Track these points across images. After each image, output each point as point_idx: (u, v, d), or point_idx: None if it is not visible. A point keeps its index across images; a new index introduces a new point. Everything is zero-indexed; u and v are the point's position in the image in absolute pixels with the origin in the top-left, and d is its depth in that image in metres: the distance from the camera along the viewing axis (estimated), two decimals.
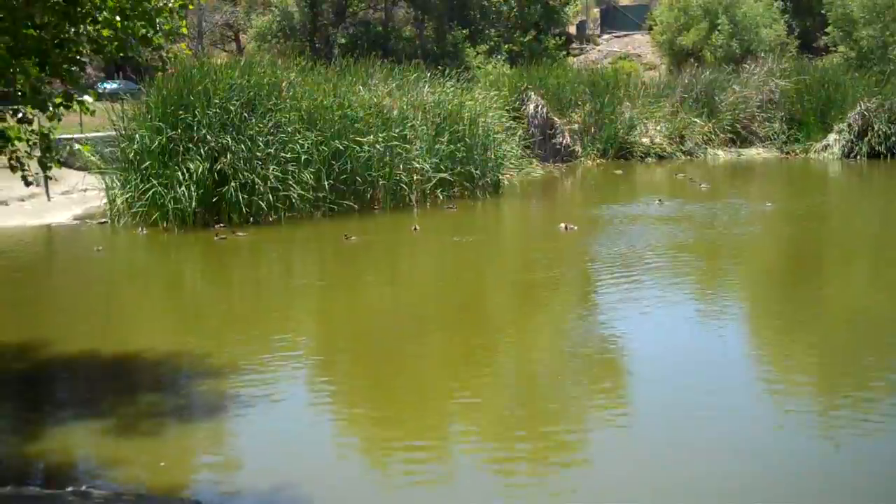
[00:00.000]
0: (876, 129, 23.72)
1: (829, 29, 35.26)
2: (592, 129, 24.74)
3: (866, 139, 23.86)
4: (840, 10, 33.88)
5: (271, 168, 15.18)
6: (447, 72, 21.07)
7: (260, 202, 14.96)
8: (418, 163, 16.96)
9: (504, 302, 11.16)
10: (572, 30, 49.96)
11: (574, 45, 47.27)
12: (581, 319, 10.24)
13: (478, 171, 18.05)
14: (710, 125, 25.72)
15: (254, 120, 15.54)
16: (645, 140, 25.13)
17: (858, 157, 23.83)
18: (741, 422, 6.90)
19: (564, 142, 24.14)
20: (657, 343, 9.03)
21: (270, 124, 15.67)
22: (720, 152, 25.44)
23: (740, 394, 7.55)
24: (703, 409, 7.08)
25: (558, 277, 12.01)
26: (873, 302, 10.67)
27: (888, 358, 8.50)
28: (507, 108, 22.13)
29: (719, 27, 36.66)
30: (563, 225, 14.51)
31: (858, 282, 11.97)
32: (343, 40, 37.96)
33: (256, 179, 14.99)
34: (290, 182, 15.28)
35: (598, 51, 46.61)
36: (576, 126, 24.64)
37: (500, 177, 18.78)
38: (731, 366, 8.33)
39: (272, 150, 15.39)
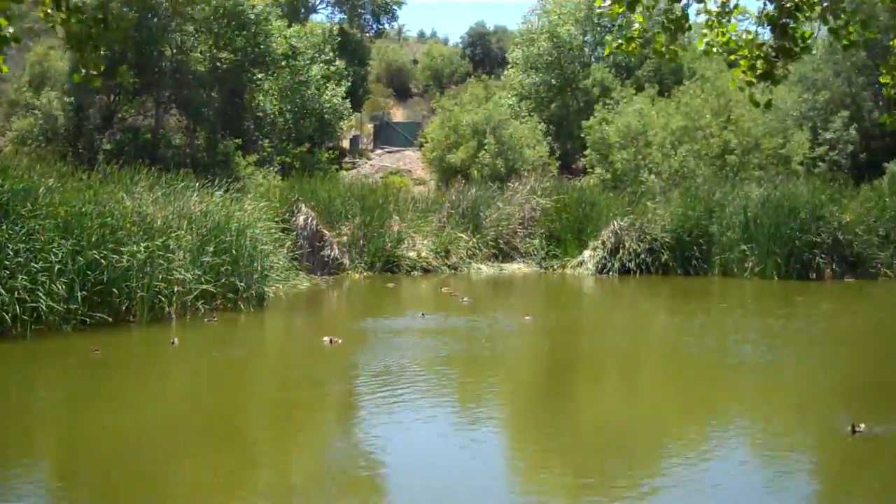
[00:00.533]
0: (627, 246, 25.31)
1: (587, 152, 37.80)
2: (361, 242, 25.01)
3: (618, 256, 25.38)
4: (597, 134, 36.49)
5: (20, 278, 14.27)
6: (217, 181, 20.77)
7: (4, 314, 13.97)
8: (180, 273, 16.45)
9: (262, 421, 10.87)
10: (346, 144, 50.97)
11: (347, 159, 48.14)
12: (341, 437, 10.12)
13: (242, 283, 17.71)
14: (475, 240, 26.61)
15: (5, 226, 14.63)
16: (412, 254, 25.64)
17: (611, 273, 25.28)
18: None
19: (333, 254, 24.23)
20: (414, 459, 9.06)
21: (22, 232, 14.79)
22: (483, 267, 26.29)
23: None
24: None
25: (320, 394, 11.86)
26: (621, 412, 11.22)
27: (633, 463, 8.93)
28: (276, 219, 22.05)
29: (486, 146, 38.43)
30: (327, 339, 14.42)
31: (607, 393, 12.56)
32: (109, 146, 36.76)
33: (2, 290, 14.03)
34: (40, 293, 14.40)
35: (371, 165, 47.66)
36: (345, 238, 24.84)
37: (266, 289, 18.52)
38: (485, 478, 8.46)
39: (21, 259, 14.49)
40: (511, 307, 20.49)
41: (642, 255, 25.24)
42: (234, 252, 17.79)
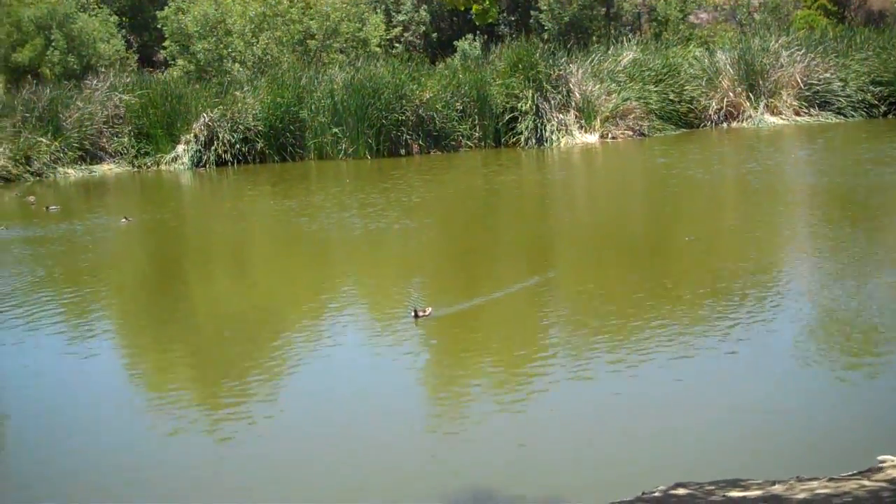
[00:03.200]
0: (221, 137, 24.99)
1: (166, 43, 36.26)
2: None
3: (213, 148, 25.03)
4: (175, 24, 35.04)
5: None
6: None
7: None
8: None
9: None
10: None
11: None
12: None
13: None
14: (58, 143, 24.83)
15: None
16: None
17: (207, 165, 24.93)
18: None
19: None
20: (29, 378, 8.60)
21: None
22: (71, 171, 24.72)
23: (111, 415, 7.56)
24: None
25: None
26: (239, 303, 11.35)
27: (256, 352, 9.13)
28: None
29: (54, 43, 35.59)
30: None
31: (224, 287, 12.59)
32: None
33: None
34: None
35: None
36: None
37: None
38: (104, 386, 8.29)
39: None
40: (108, 209, 19.54)
41: (237, 146, 25.12)
42: None
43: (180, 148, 25.52)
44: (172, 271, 13.63)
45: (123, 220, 16.68)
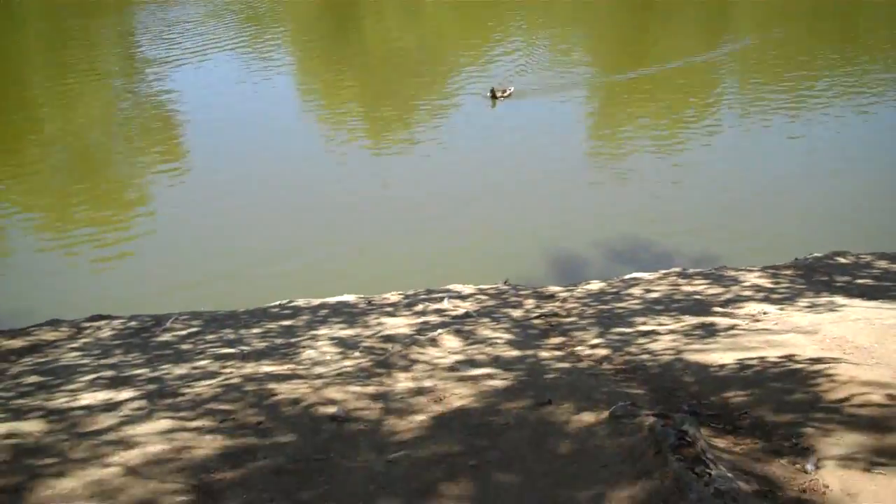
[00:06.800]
0: None
1: None
2: None
3: None
4: None
5: None
6: None
7: None
8: None
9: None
10: None
11: None
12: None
13: None
14: None
15: None
16: None
17: None
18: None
19: None
20: (214, 97, 9.18)
21: None
22: None
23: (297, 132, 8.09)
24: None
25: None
26: (409, 39, 11.57)
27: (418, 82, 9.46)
28: None
29: None
30: None
31: (390, 22, 12.77)
32: None
33: None
34: None
35: None
36: None
37: None
38: (286, 110, 8.81)
39: None
40: None
41: None
42: None
43: None
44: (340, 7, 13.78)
45: None
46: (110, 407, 2.30)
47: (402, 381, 2.49)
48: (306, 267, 5.87)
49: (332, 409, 2.17)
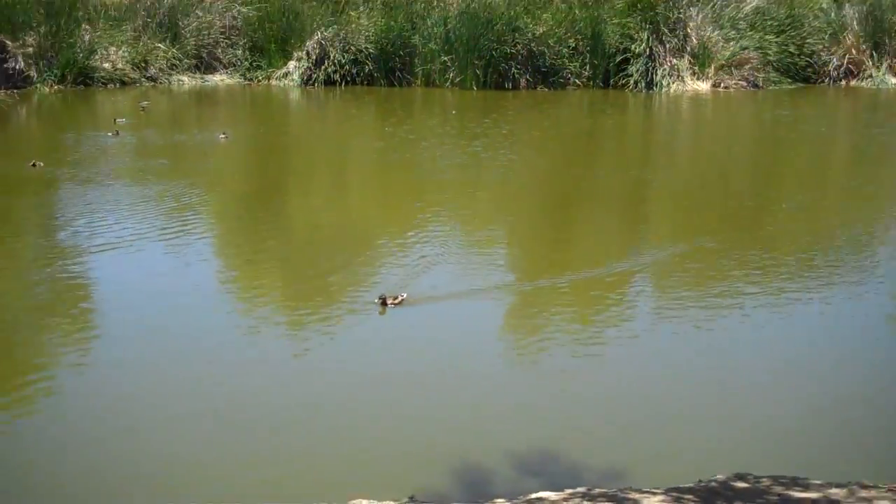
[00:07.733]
0: (332, 57, 25.21)
1: None
2: (49, 53, 23.16)
3: (323, 67, 25.28)
4: None
5: None
6: None
7: None
8: None
9: None
10: None
11: None
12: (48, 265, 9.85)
13: None
14: (175, 51, 25.42)
15: None
16: (107, 65, 24.15)
17: (316, 84, 25.22)
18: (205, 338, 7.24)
19: (18, 66, 22.36)
20: (125, 284, 9.05)
21: None
22: (185, 78, 25.31)
23: (208, 317, 7.91)
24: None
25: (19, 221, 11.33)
26: (328, 219, 11.68)
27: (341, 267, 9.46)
28: None
29: None
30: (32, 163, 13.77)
31: (316, 202, 12.94)
32: None
33: None
34: None
35: None
36: (30, 49, 22.89)
37: None
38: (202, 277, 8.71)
39: None
40: (217, 122, 20.04)
41: (347, 66, 25.28)
42: None
43: (291, 64, 25.81)
44: (269, 188, 13.98)
45: (221, 135, 17.01)
46: None
47: None
48: (190, 473, 5.62)
49: None
